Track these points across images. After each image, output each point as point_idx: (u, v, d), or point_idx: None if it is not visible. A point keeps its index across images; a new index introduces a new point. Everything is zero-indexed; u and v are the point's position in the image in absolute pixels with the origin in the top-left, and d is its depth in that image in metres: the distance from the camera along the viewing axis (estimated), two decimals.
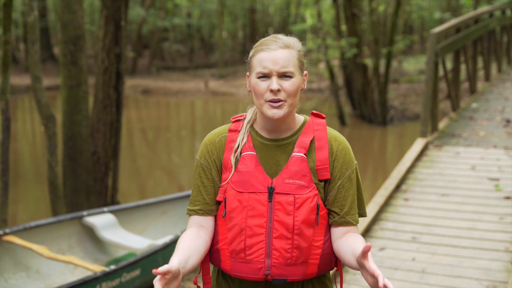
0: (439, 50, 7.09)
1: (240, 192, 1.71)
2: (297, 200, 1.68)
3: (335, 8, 13.78)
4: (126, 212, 5.53)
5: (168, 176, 10.16)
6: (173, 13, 26.13)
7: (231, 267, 1.73)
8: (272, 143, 1.76)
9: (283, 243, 1.68)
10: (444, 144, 6.82)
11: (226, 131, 1.81)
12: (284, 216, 1.68)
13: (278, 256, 1.68)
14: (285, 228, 1.67)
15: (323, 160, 1.73)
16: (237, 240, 1.70)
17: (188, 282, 5.14)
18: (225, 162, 1.76)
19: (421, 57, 21.17)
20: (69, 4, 6.07)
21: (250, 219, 1.69)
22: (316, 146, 1.75)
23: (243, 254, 1.70)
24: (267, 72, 1.69)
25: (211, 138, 1.82)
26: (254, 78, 1.72)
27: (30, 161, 11.05)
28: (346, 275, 3.86)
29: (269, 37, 1.75)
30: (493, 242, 4.26)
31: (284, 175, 1.71)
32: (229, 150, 1.77)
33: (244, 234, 1.69)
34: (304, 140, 1.75)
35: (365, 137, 12.52)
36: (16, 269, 4.66)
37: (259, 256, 1.68)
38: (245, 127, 1.79)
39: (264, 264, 1.69)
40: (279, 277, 1.70)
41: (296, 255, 1.69)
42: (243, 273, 1.71)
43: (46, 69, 21.49)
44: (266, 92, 1.69)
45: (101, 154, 6.35)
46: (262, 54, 1.70)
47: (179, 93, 19.37)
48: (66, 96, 6.18)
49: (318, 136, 1.76)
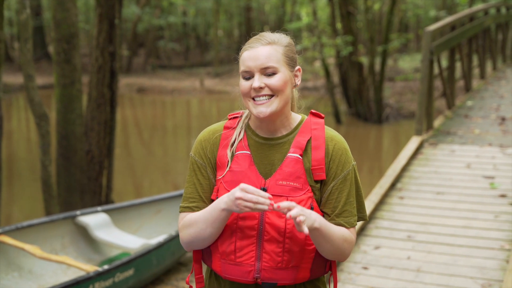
0: (434, 48, 7.07)
1: None
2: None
3: (330, 6, 13.76)
4: (120, 211, 5.49)
5: (163, 175, 10.13)
6: (169, 11, 26.05)
7: (221, 268, 1.70)
8: (267, 142, 1.72)
9: (274, 246, 1.64)
10: (439, 142, 6.81)
11: (221, 128, 1.78)
12: (275, 219, 1.64)
13: (268, 259, 1.64)
14: (276, 231, 1.64)
15: (319, 160, 1.69)
16: (228, 241, 1.67)
17: (181, 281, 5.11)
18: (219, 159, 1.73)
19: (416, 55, 21.18)
20: (63, 2, 6.02)
21: (241, 220, 1.65)
22: (312, 145, 1.71)
23: (233, 256, 1.66)
24: (249, 70, 1.67)
25: (206, 135, 1.78)
26: (240, 76, 1.70)
27: (24, 160, 10.99)
28: (341, 274, 3.85)
29: (255, 36, 1.73)
30: (488, 241, 4.24)
31: (277, 176, 1.67)
32: (224, 147, 1.73)
33: (235, 236, 1.66)
34: (300, 140, 1.71)
35: (360, 135, 12.51)
36: (9, 269, 4.62)
37: (249, 259, 1.65)
38: (240, 125, 1.76)
39: (254, 267, 1.65)
40: (269, 280, 1.66)
41: (287, 259, 1.65)
42: (232, 275, 1.68)
43: (40, 68, 21.40)
44: (250, 91, 1.67)
45: (95, 153, 6.32)
46: (245, 53, 1.69)
47: (174, 91, 19.32)
48: (59, 95, 6.14)
49: (315, 136, 1.72)
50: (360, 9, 15.05)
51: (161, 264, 4.86)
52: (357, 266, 3.97)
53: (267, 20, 28.79)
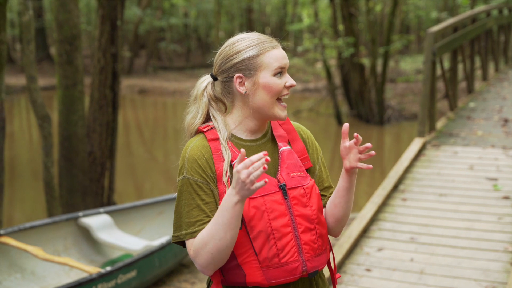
0: (436, 49, 7.07)
1: (253, 198, 1.62)
2: (306, 190, 1.70)
3: (332, 7, 13.76)
4: (122, 213, 5.49)
5: (164, 177, 10.12)
6: (170, 13, 26.08)
7: (265, 276, 1.64)
8: (253, 144, 1.74)
9: (309, 235, 1.68)
10: (442, 143, 6.80)
11: (205, 143, 1.69)
12: (302, 209, 1.68)
13: (308, 249, 1.68)
14: (307, 221, 1.68)
15: (301, 150, 1.77)
16: (267, 246, 1.63)
17: (184, 283, 5.10)
18: (219, 172, 1.66)
19: (418, 56, 21.17)
20: (65, 3, 6.02)
21: (273, 221, 1.64)
22: (289, 138, 1.78)
23: (277, 258, 1.63)
24: (283, 69, 1.71)
25: (196, 152, 1.67)
26: (269, 76, 1.68)
27: (26, 162, 10.99)
28: (344, 276, 3.84)
29: (259, 35, 1.74)
30: (491, 243, 4.23)
31: (286, 170, 1.70)
32: (218, 160, 1.67)
33: (273, 238, 1.63)
34: (280, 135, 1.77)
35: (362, 137, 12.48)
36: (11, 271, 4.62)
37: (293, 255, 1.65)
38: (223, 144, 1.68)
39: (300, 262, 1.66)
40: (313, 269, 1.70)
41: (320, 244, 1.71)
42: (279, 277, 1.64)
43: (42, 69, 21.41)
44: (283, 89, 1.71)
45: (97, 154, 6.31)
46: (274, 51, 1.70)
47: (175, 93, 19.32)
48: (62, 96, 6.14)
49: (287, 129, 1.79)
50: (361, 11, 15.05)
51: (163, 265, 4.85)
52: (360, 268, 3.97)
53: (268, 21, 28.80)
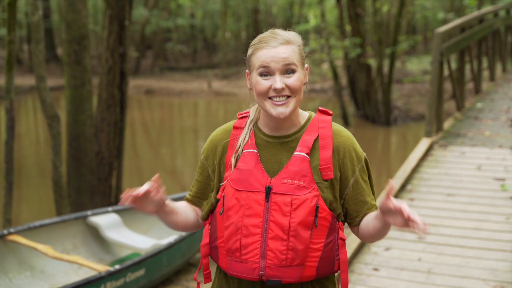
0: (444, 50, 7.06)
1: (238, 190, 1.68)
2: (294, 201, 1.64)
3: (338, 8, 13.75)
4: (131, 212, 5.51)
5: (171, 176, 10.15)
6: (176, 13, 26.13)
7: (227, 265, 1.72)
8: (275, 141, 1.73)
9: (278, 244, 1.65)
10: (449, 144, 6.79)
11: (231, 128, 1.80)
12: (280, 216, 1.65)
13: (272, 257, 1.65)
14: (280, 229, 1.65)
15: (326, 159, 1.69)
16: (233, 239, 1.69)
17: (192, 282, 5.13)
18: (227, 161, 1.75)
19: (424, 57, 21.12)
20: (73, 4, 6.06)
21: (246, 218, 1.67)
22: (320, 144, 1.71)
23: (238, 253, 1.68)
24: (269, 70, 1.66)
25: (216, 136, 1.81)
26: (256, 76, 1.68)
27: (34, 161, 11.05)
28: (352, 276, 3.84)
29: (267, 34, 1.71)
30: (500, 243, 4.23)
31: (283, 175, 1.68)
32: (232, 148, 1.76)
33: (240, 233, 1.67)
34: (307, 139, 1.71)
35: (368, 137, 12.48)
36: (21, 269, 4.65)
37: (254, 256, 1.66)
38: (247, 126, 1.77)
39: (259, 265, 1.66)
40: (274, 278, 1.67)
41: (291, 257, 1.65)
42: (238, 272, 1.70)
43: (49, 70, 21.49)
44: (268, 90, 1.66)
45: (105, 153, 6.34)
46: (262, 51, 1.66)
47: (182, 93, 19.36)
48: (70, 96, 6.17)
49: (322, 135, 1.72)
50: (368, 11, 15.03)
51: (171, 264, 4.87)
52: (368, 267, 3.97)
53: (274, 22, 28.79)
